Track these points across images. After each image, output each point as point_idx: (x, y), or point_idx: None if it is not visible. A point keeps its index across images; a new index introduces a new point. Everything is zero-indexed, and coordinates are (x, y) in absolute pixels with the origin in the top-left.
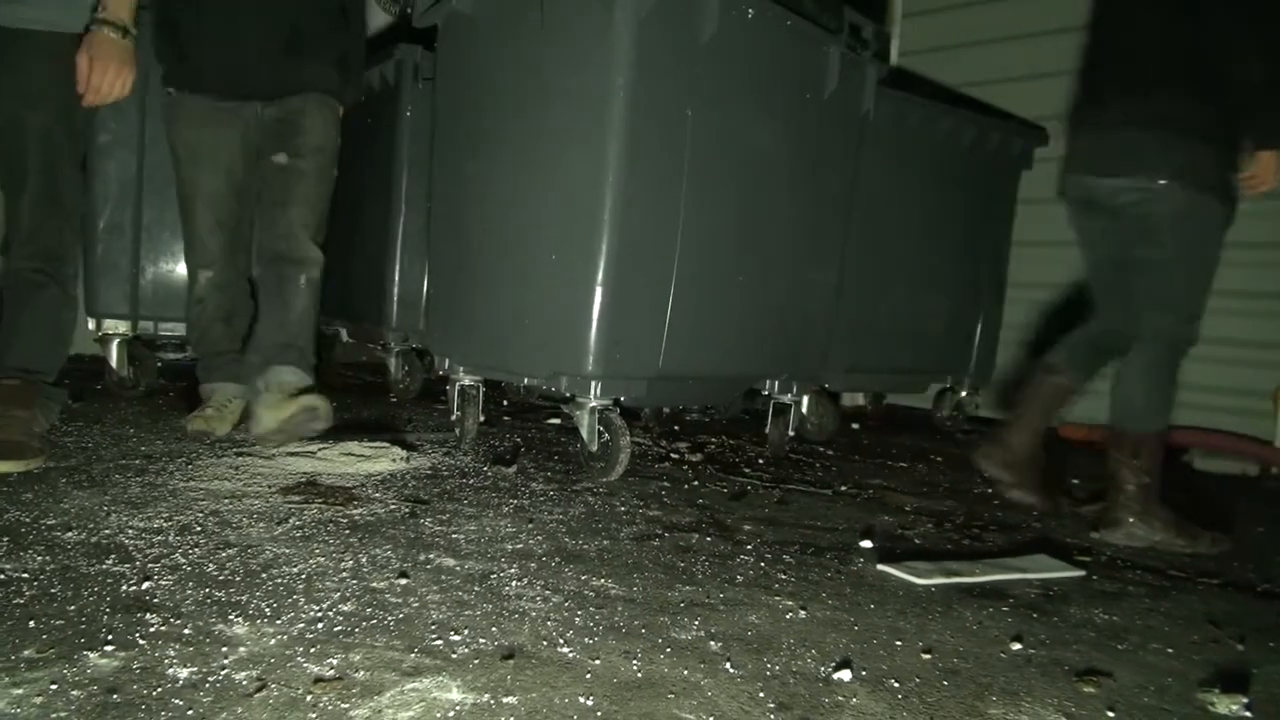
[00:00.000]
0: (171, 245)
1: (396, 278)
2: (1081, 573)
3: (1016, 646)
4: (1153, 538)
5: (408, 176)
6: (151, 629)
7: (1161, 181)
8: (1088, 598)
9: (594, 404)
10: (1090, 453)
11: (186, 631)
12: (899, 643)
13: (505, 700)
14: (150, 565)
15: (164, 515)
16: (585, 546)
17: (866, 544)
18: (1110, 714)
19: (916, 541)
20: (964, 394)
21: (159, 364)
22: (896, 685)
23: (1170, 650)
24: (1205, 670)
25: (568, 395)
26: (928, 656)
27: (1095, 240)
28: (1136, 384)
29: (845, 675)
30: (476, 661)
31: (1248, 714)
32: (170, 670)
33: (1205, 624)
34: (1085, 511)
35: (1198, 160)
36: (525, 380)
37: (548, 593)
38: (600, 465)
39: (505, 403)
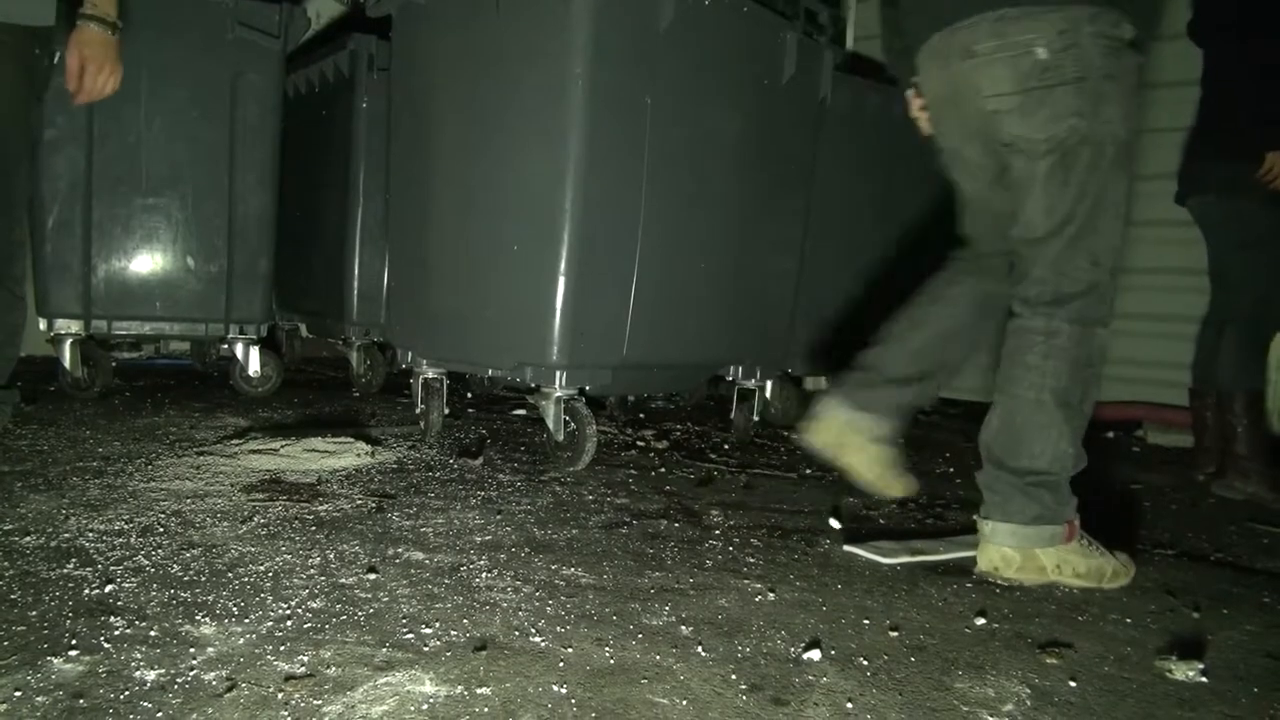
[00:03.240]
0: (124, 242)
1: (356, 271)
2: None
3: (980, 621)
4: (1248, 489)
5: (365, 168)
6: (116, 632)
7: (1211, 197)
8: None
9: (559, 394)
10: None
11: (152, 633)
12: (866, 621)
13: (479, 691)
14: (113, 568)
15: (125, 517)
16: (554, 536)
17: (833, 525)
18: (1072, 684)
19: (881, 522)
20: None
21: (114, 363)
22: (865, 663)
23: (1129, 620)
24: (1162, 638)
25: (533, 386)
26: (895, 634)
27: (1207, 242)
28: (1235, 353)
29: (815, 655)
30: (449, 654)
31: (1204, 679)
32: (137, 673)
33: (1162, 594)
34: None
35: (1236, 176)
36: (489, 372)
37: (518, 583)
38: (567, 455)
39: (469, 395)
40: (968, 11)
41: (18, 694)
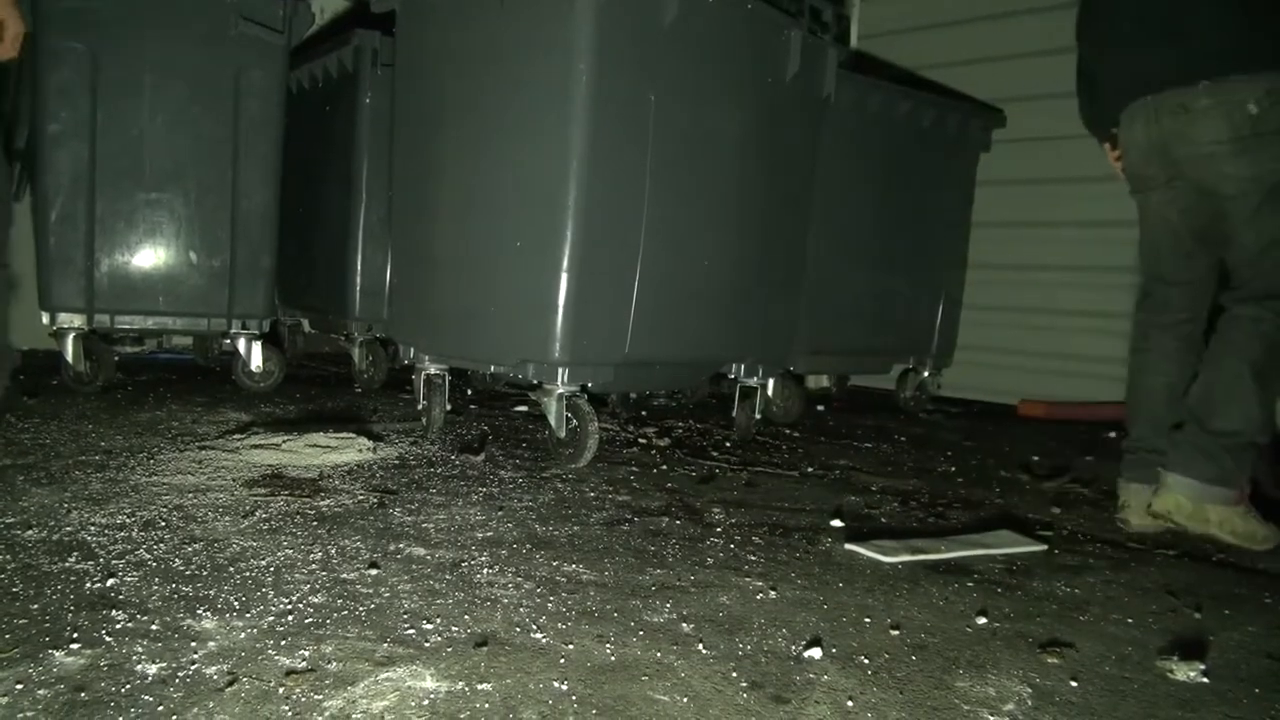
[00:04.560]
0: (127, 237)
1: (359, 267)
2: (1044, 547)
3: (982, 620)
4: None
5: (368, 164)
6: (118, 626)
7: None
8: (1050, 571)
9: (561, 390)
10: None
11: (154, 627)
12: (868, 620)
13: (480, 687)
14: (114, 561)
15: (126, 511)
16: (555, 533)
17: (835, 524)
18: (1074, 683)
19: (883, 520)
20: (926, 374)
21: (116, 358)
22: (866, 661)
23: (1130, 620)
24: (1164, 639)
25: (535, 382)
26: (896, 633)
27: None
28: None
29: (816, 653)
30: (450, 650)
31: (1205, 679)
32: (139, 667)
33: (1163, 594)
34: (1045, 488)
35: None
36: (491, 368)
37: (519, 579)
38: (569, 452)
39: (471, 391)
40: (1187, 80)
41: (19, 687)
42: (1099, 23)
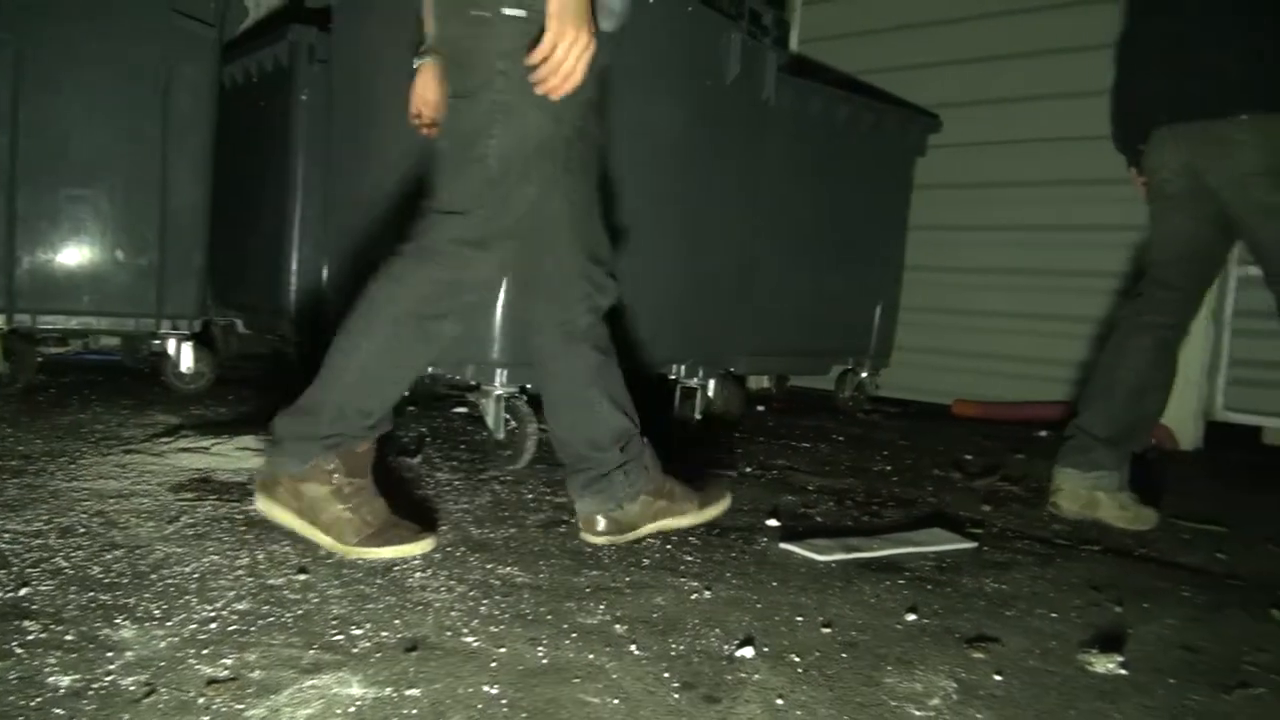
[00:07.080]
0: (50, 234)
1: (294, 266)
2: (974, 544)
3: (911, 617)
4: None
5: (303, 162)
6: (30, 637)
7: None
8: (979, 568)
9: (500, 391)
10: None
11: (68, 638)
12: (800, 618)
13: (408, 693)
14: (29, 570)
15: (44, 517)
16: (491, 535)
17: (771, 523)
18: (998, 677)
19: (818, 519)
20: (864, 375)
21: (40, 359)
22: (797, 659)
23: (1054, 615)
24: (1086, 632)
25: (473, 383)
26: (827, 630)
27: None
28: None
29: (748, 652)
30: (378, 655)
31: (1123, 671)
32: (50, 679)
33: (1087, 589)
34: (977, 486)
35: None
36: (430, 369)
37: (452, 583)
38: (507, 453)
39: (408, 393)
40: (1220, 112)
41: None
42: (1136, 50)
